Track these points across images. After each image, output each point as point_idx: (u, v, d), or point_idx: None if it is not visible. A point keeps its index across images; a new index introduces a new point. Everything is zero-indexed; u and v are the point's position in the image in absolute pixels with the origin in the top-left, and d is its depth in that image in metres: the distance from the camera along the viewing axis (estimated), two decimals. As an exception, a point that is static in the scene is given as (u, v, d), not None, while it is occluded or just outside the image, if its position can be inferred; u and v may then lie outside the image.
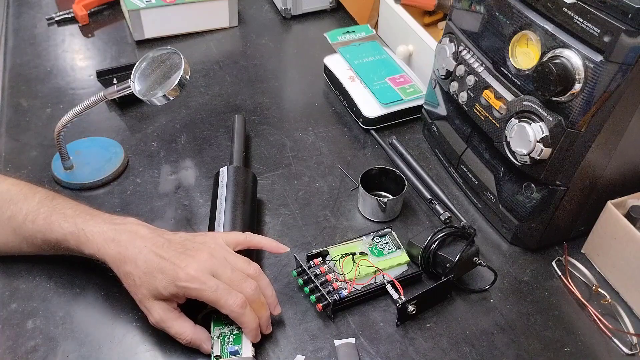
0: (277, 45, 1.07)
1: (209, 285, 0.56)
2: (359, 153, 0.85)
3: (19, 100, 0.91)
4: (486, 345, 0.62)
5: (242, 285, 0.58)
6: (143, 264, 0.57)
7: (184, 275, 0.56)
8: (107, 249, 0.58)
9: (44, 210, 0.61)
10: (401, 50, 0.97)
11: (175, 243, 0.59)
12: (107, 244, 0.58)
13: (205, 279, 0.56)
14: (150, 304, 0.57)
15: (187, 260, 0.57)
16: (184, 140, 0.86)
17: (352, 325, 0.63)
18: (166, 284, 0.56)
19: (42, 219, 0.61)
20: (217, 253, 0.59)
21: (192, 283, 0.56)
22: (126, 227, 0.60)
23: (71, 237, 0.60)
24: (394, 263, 0.68)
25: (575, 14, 0.56)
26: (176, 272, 0.56)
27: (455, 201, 0.78)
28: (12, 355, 0.59)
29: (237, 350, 0.58)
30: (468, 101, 0.72)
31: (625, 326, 0.64)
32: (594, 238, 0.70)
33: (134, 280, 0.57)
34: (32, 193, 0.64)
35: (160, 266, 0.57)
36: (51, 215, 0.61)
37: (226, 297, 0.56)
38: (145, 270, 0.57)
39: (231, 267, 0.59)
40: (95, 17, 1.11)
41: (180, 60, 0.72)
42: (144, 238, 0.59)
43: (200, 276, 0.56)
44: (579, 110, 0.58)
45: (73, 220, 0.60)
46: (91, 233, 0.59)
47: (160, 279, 0.56)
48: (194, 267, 0.56)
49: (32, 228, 0.61)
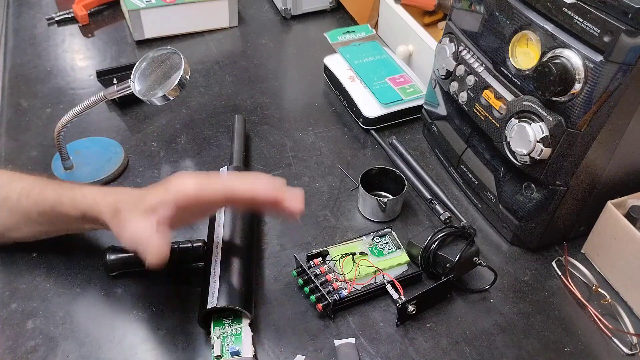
0: (277, 45, 1.07)
1: (203, 179, 0.57)
2: (359, 153, 0.85)
3: (19, 100, 0.91)
4: (486, 345, 0.62)
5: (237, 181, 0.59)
6: (132, 192, 0.58)
7: (177, 181, 0.57)
8: (103, 199, 0.59)
9: (38, 184, 0.62)
10: (401, 50, 0.97)
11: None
12: (104, 195, 0.59)
13: (198, 178, 0.57)
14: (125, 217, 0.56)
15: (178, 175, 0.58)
16: (184, 140, 0.86)
17: (352, 325, 0.63)
18: (156, 194, 0.57)
19: (36, 192, 0.62)
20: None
21: (187, 181, 0.56)
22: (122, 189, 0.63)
23: (65, 198, 0.60)
24: (394, 263, 0.68)
25: (575, 14, 0.56)
26: (167, 181, 0.57)
27: (455, 201, 0.78)
28: (12, 355, 0.59)
29: (238, 350, 0.58)
30: (468, 101, 0.72)
31: (625, 326, 0.64)
32: (594, 238, 0.70)
33: (122, 208, 0.57)
34: (27, 175, 0.65)
35: (151, 187, 0.58)
36: (46, 187, 0.62)
37: (231, 180, 0.58)
38: (133, 195, 0.58)
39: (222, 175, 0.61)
40: (95, 17, 1.11)
41: (180, 60, 0.72)
42: (139, 188, 0.60)
43: (193, 176, 0.57)
44: (579, 110, 0.58)
45: (69, 187, 0.62)
46: (87, 190, 0.61)
47: (148, 193, 0.57)
48: (186, 175, 0.57)
49: (27, 203, 0.61)
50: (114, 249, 0.65)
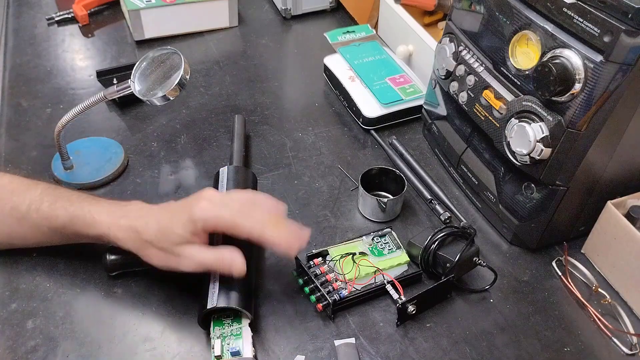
0: (277, 45, 1.07)
1: (224, 211, 0.58)
2: (359, 153, 0.85)
3: (19, 100, 0.91)
4: (486, 345, 0.62)
5: (252, 209, 0.59)
6: (155, 224, 0.58)
7: (198, 209, 0.57)
8: (118, 224, 0.59)
9: (48, 198, 0.62)
10: (401, 50, 0.97)
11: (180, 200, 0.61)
12: (117, 220, 0.59)
13: (219, 207, 0.58)
14: (177, 250, 0.58)
15: (196, 199, 0.59)
16: (184, 140, 0.86)
17: (352, 325, 0.63)
18: (184, 224, 0.57)
19: (46, 206, 0.61)
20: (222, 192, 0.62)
21: (208, 212, 0.57)
22: (132, 206, 0.62)
23: (77, 220, 0.60)
24: (394, 263, 0.68)
25: (575, 14, 0.56)
26: (190, 209, 0.57)
27: (455, 201, 0.78)
28: (12, 355, 0.59)
29: (238, 350, 0.58)
30: (468, 101, 0.72)
31: (625, 326, 0.64)
32: (594, 238, 0.70)
33: (151, 242, 0.58)
34: (34, 184, 0.64)
35: (173, 215, 0.58)
36: (56, 202, 0.61)
37: (243, 220, 0.58)
38: (158, 227, 0.58)
39: (237, 199, 0.61)
40: (95, 17, 1.11)
41: (180, 60, 0.72)
42: (152, 209, 0.61)
43: (213, 206, 0.58)
44: (579, 110, 0.58)
45: (79, 204, 0.61)
46: (98, 213, 0.60)
47: (175, 225, 0.57)
48: (204, 200, 0.58)
49: (37, 217, 0.61)
50: (114, 249, 0.65)
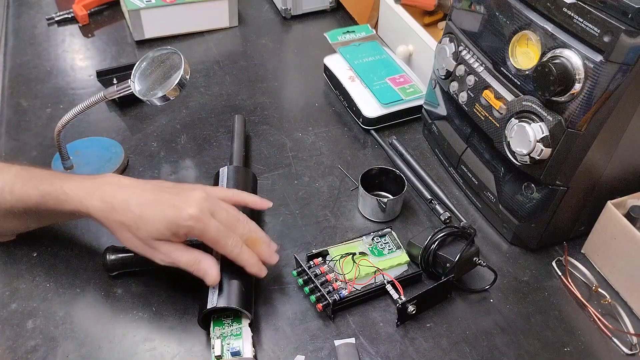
0: (277, 45, 1.07)
1: (211, 225, 0.57)
2: (359, 153, 0.85)
3: (19, 100, 0.91)
4: (486, 345, 0.62)
5: (235, 225, 0.60)
6: (136, 208, 0.57)
7: (187, 215, 0.57)
8: (90, 200, 0.58)
9: (20, 179, 0.61)
10: (401, 50, 0.97)
11: (165, 187, 0.60)
12: (89, 196, 0.58)
13: (207, 219, 0.57)
14: (154, 244, 0.58)
15: (186, 200, 0.58)
16: (184, 140, 0.86)
17: (352, 325, 0.63)
18: (168, 224, 0.56)
19: (19, 187, 0.61)
20: (211, 195, 0.60)
21: (196, 222, 0.57)
22: (106, 179, 0.61)
23: (49, 197, 0.59)
24: (394, 263, 0.68)
25: (575, 14, 0.56)
26: (178, 211, 0.57)
27: (455, 201, 0.78)
28: (12, 355, 0.59)
29: (238, 350, 0.58)
30: (468, 101, 0.72)
31: (625, 326, 0.64)
32: (594, 238, 0.70)
33: (129, 226, 0.57)
34: (7, 167, 0.63)
35: (158, 208, 0.57)
36: (27, 182, 0.61)
37: (225, 239, 0.58)
38: (140, 213, 0.57)
39: (225, 209, 0.60)
40: (95, 17, 1.11)
41: (180, 60, 0.72)
42: (130, 186, 0.59)
43: (203, 216, 0.57)
44: (579, 110, 0.58)
45: (49, 181, 0.60)
46: (70, 189, 0.59)
47: (159, 220, 0.57)
48: (196, 207, 0.57)
49: (11, 199, 0.61)
50: (114, 249, 0.65)
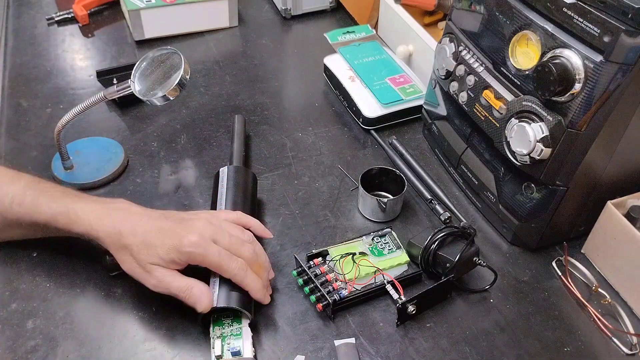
0: (277, 45, 1.07)
1: (211, 250, 0.58)
2: (359, 153, 0.85)
3: (19, 100, 0.91)
4: (486, 345, 0.62)
5: (240, 249, 0.60)
6: (142, 234, 0.58)
7: (187, 242, 0.57)
8: (100, 225, 0.59)
9: (31, 192, 0.62)
10: (401, 50, 0.97)
11: (170, 215, 0.61)
12: (100, 220, 0.59)
13: (208, 245, 0.58)
14: (149, 267, 0.58)
15: (188, 228, 0.58)
16: (184, 140, 0.86)
17: (352, 325, 0.63)
18: (168, 250, 0.57)
19: (29, 201, 0.61)
20: (213, 221, 0.61)
21: (197, 248, 0.57)
22: (117, 204, 0.61)
23: (60, 217, 0.60)
24: (394, 263, 0.68)
25: (575, 14, 0.56)
26: (179, 239, 0.57)
27: (455, 201, 0.78)
28: (12, 355, 0.59)
29: (239, 350, 0.58)
30: (468, 101, 0.72)
31: (625, 326, 0.64)
32: (594, 238, 0.70)
33: (131, 250, 0.58)
34: (18, 177, 0.64)
35: (161, 235, 0.58)
36: (38, 197, 0.61)
37: (228, 262, 0.58)
38: (143, 239, 0.57)
39: (228, 233, 0.60)
40: (95, 17, 1.11)
41: (180, 60, 0.72)
42: (138, 213, 0.60)
43: (203, 242, 0.58)
44: (579, 110, 0.58)
45: (62, 201, 0.61)
46: (82, 211, 0.60)
47: (160, 246, 0.57)
48: (195, 234, 0.58)
49: (19, 211, 0.61)
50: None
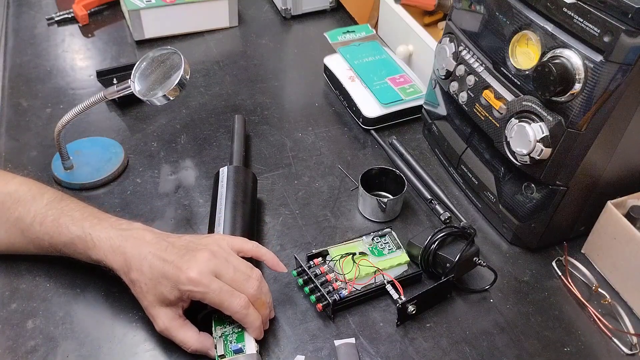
0: (277, 45, 1.07)
1: (212, 288, 0.56)
2: (359, 153, 0.85)
3: (19, 100, 0.91)
4: (486, 345, 0.62)
5: (244, 285, 0.58)
6: (148, 270, 0.57)
7: (186, 279, 0.56)
8: (114, 257, 0.58)
9: (52, 212, 0.61)
10: (401, 50, 0.97)
11: (178, 246, 0.59)
12: (113, 251, 0.58)
13: (208, 282, 0.56)
14: (156, 311, 0.57)
15: (189, 262, 0.57)
16: (184, 140, 0.86)
17: (352, 325, 0.63)
18: (170, 289, 0.56)
19: (50, 221, 0.61)
20: (219, 253, 0.59)
21: (195, 286, 0.56)
22: (132, 232, 0.60)
23: (79, 242, 0.60)
24: (394, 263, 0.68)
25: (575, 14, 0.56)
26: (178, 275, 0.56)
27: (455, 201, 0.78)
28: (12, 355, 0.59)
29: (241, 347, 0.58)
30: (468, 101, 0.72)
31: (625, 326, 0.64)
32: (594, 238, 0.70)
33: (140, 287, 0.57)
34: (40, 194, 0.64)
35: (164, 270, 0.56)
36: (59, 218, 0.61)
37: (230, 300, 0.56)
38: (150, 276, 0.57)
39: (233, 267, 0.58)
40: (95, 17, 1.11)
41: (180, 60, 0.72)
42: (149, 243, 0.59)
43: (202, 279, 0.56)
44: (579, 110, 0.58)
45: (80, 224, 0.60)
46: (98, 239, 0.59)
47: (164, 283, 0.56)
48: (195, 270, 0.56)
49: (40, 230, 0.61)
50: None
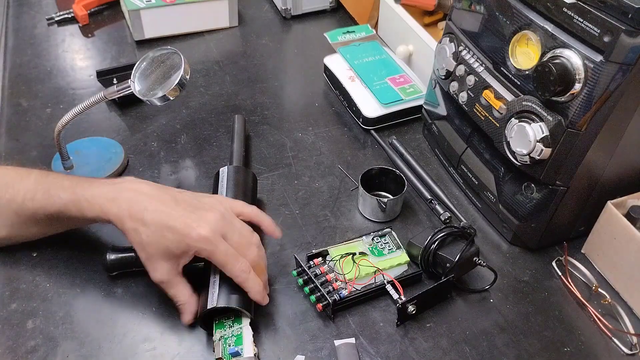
0: (277, 45, 1.07)
1: (220, 248, 0.58)
2: (359, 153, 0.85)
3: (19, 100, 0.91)
4: (486, 345, 0.62)
5: (247, 250, 0.60)
6: (151, 221, 0.57)
7: (197, 235, 0.57)
8: (110, 207, 0.59)
9: (42, 187, 0.62)
10: (401, 50, 0.97)
11: (182, 201, 0.60)
12: (109, 202, 0.59)
13: (217, 241, 0.58)
14: (157, 263, 0.58)
15: (198, 220, 0.58)
16: (184, 140, 0.86)
17: (352, 325, 0.63)
18: (178, 243, 0.57)
19: (40, 194, 0.61)
20: (227, 215, 0.60)
21: (205, 244, 0.57)
22: (126, 185, 0.61)
23: (72, 205, 0.60)
24: (394, 263, 0.68)
25: (575, 14, 0.56)
26: (189, 231, 0.57)
27: (455, 201, 0.78)
28: (12, 355, 0.59)
29: (238, 351, 0.58)
30: (468, 101, 0.72)
31: (625, 326, 0.64)
32: (594, 238, 0.70)
33: (141, 237, 0.58)
34: (27, 174, 0.64)
35: (171, 225, 0.57)
36: (49, 190, 0.61)
37: (233, 262, 0.58)
38: (154, 229, 0.57)
39: (238, 231, 0.60)
40: (95, 17, 1.11)
41: (180, 60, 0.72)
42: (149, 195, 0.59)
43: (213, 238, 0.57)
44: (579, 110, 0.58)
45: (72, 190, 0.61)
46: (91, 196, 0.60)
47: (170, 238, 0.57)
48: (207, 228, 0.57)
49: (33, 206, 0.61)
50: (114, 249, 0.65)
